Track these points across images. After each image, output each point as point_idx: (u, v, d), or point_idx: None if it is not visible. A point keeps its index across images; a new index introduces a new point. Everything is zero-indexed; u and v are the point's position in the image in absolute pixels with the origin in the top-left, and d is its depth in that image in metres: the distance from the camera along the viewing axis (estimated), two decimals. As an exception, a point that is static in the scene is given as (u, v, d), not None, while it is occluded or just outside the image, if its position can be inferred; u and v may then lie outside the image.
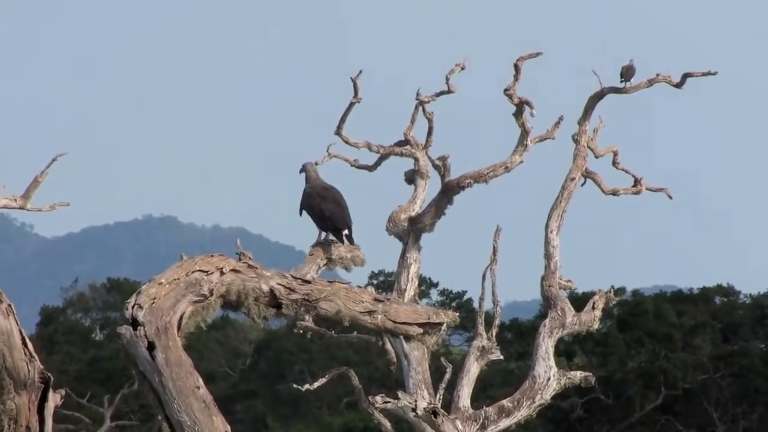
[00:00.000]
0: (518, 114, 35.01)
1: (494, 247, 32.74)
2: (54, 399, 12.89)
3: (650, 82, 35.47)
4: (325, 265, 20.41)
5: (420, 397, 34.33)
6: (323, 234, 21.01)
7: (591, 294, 33.59)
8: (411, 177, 32.75)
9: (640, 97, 33.75)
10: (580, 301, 36.18)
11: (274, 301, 15.48)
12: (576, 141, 33.28)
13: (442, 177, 32.59)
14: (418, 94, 32.43)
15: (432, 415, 34.74)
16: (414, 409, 31.66)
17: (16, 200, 39.82)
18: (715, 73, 34.76)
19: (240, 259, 15.69)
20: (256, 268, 15.72)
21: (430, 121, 32.31)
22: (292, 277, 16.50)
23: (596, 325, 37.67)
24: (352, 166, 32.04)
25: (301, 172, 23.14)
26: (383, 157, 32.91)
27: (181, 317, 13.27)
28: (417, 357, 32.32)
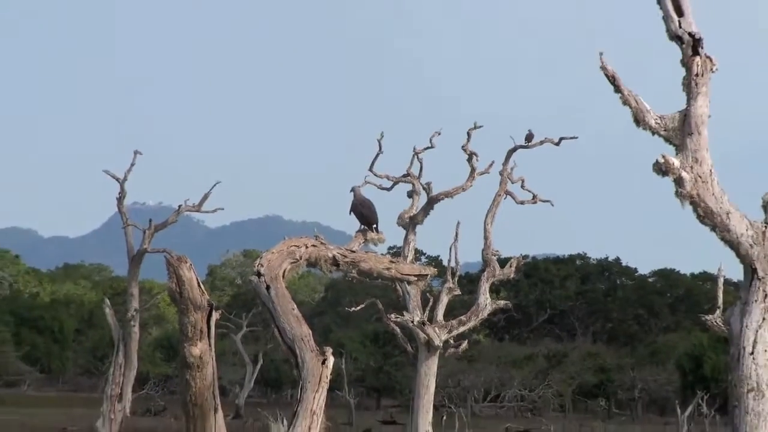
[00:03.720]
0: (470, 159, 46.28)
1: (456, 232, 46.85)
2: (215, 316, 15.38)
3: (541, 143, 46.55)
4: (363, 242, 23.23)
5: (415, 315, 45.99)
6: (362, 226, 24.30)
7: (509, 258, 48.06)
8: (410, 194, 47.52)
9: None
10: (503, 262, 47.73)
11: (335, 262, 17.90)
12: (501, 174, 46.66)
13: (428, 194, 47.13)
14: (414, 149, 47.32)
15: (422, 324, 45.71)
16: (412, 321, 45.67)
17: (194, 206, 58.41)
18: (576, 137, 45.92)
19: (316, 238, 18.22)
20: (324, 244, 18.05)
21: (420, 162, 46.85)
22: (345, 249, 18.96)
23: (512, 275, 47.39)
24: (379, 188, 46.89)
25: (351, 191, 26.93)
26: (395, 183, 47.23)
27: (285, 271, 16.20)
28: (413, 293, 45.89)
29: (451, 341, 47.78)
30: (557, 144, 47.47)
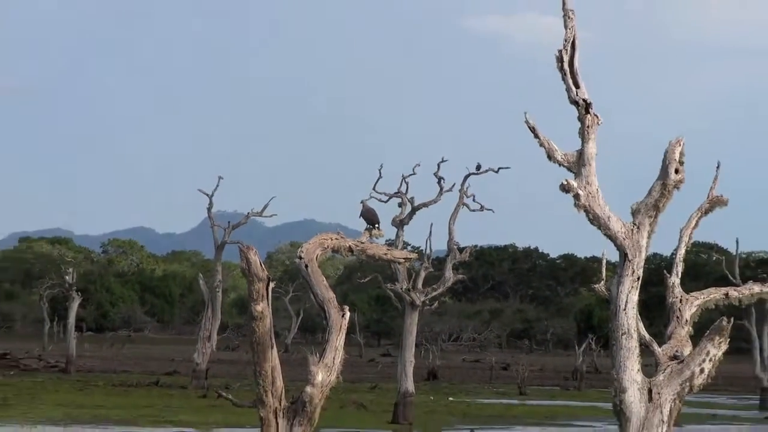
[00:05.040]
0: (439, 181, 46.19)
1: (430, 230, 46.02)
2: (271, 285, 14.05)
3: (486, 171, 45.73)
4: (369, 237, 20.96)
5: (403, 284, 45.40)
6: (368, 226, 22.24)
7: (465, 247, 47.48)
8: (400, 204, 47.16)
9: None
10: (461, 250, 47.84)
11: (350, 250, 16.14)
12: (459, 191, 45.78)
13: (411, 205, 46.77)
14: (402, 175, 46.92)
15: (407, 290, 44.71)
16: (401, 288, 45.04)
17: (257, 212, 58.55)
18: (509, 167, 48.69)
19: (338, 234, 16.55)
20: (343, 237, 16.41)
21: (407, 184, 46.32)
22: (357, 241, 17.07)
23: (467, 258, 51.40)
24: (378, 200, 46.68)
25: (360, 203, 25.05)
26: (390, 198, 46.94)
27: (317, 255, 14.81)
28: (402, 270, 44.98)
29: (427, 302, 47.87)
30: (497, 172, 47.80)
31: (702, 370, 12.64)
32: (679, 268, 13.32)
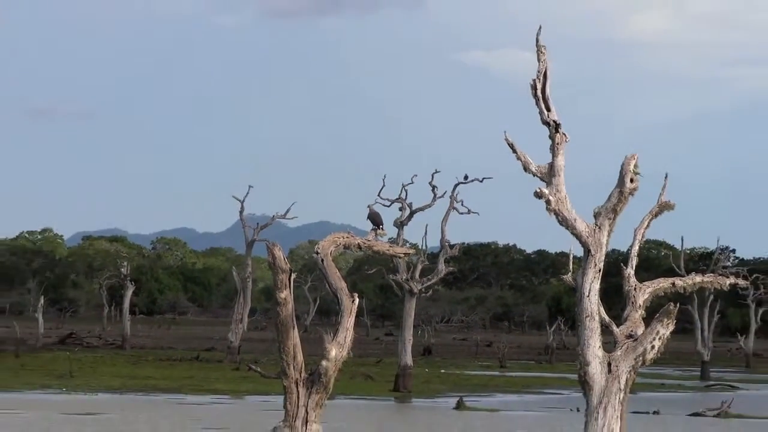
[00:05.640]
0: (433, 189, 46.39)
1: (425, 230, 45.35)
2: (293, 276, 13.48)
3: (472, 180, 45.59)
4: (375, 235, 19.95)
5: (403, 275, 45.38)
6: (374, 226, 22.83)
7: (455, 244, 47.42)
8: (400, 209, 46.95)
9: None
10: (452, 246, 48.18)
11: (359, 246, 15.17)
12: (450, 198, 45.45)
13: (410, 209, 46.67)
14: (402, 184, 46.64)
15: (407, 280, 44.41)
16: (401, 278, 44.99)
17: (281, 215, 58.07)
18: (491, 177, 48.61)
19: (348, 233, 15.61)
20: (353, 236, 15.45)
21: (406, 192, 46.20)
22: (365, 239, 16.25)
23: (456, 254, 50.04)
24: (385, 205, 46.18)
25: (367, 207, 29.23)
26: (392, 203, 46.48)
27: (331, 251, 14.12)
28: (402, 263, 44.80)
29: (423, 290, 48.03)
30: (481, 181, 47.63)
31: (653, 347, 12.60)
32: (634, 261, 13.32)
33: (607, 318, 12.89)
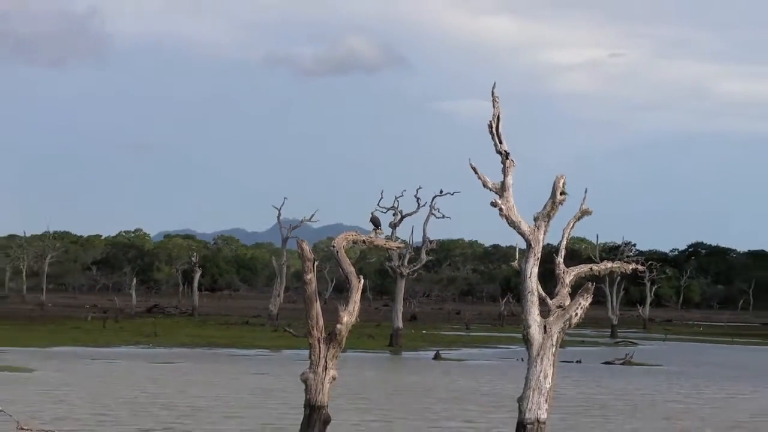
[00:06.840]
0: (417, 200, 49.95)
1: (412, 230, 44.98)
2: (316, 263, 12.79)
3: (447, 194, 46.30)
4: (375, 234, 19.04)
5: (396, 261, 44.91)
6: (374, 227, 22.57)
7: (433, 240, 46.42)
8: (393, 214, 46.29)
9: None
10: (432, 242, 48.46)
11: (364, 242, 14.36)
12: (430, 206, 45.22)
13: (401, 214, 46.01)
14: (395, 196, 45.90)
15: (398, 266, 45.88)
16: (395, 264, 44.80)
17: (308, 219, 57.30)
18: (459, 192, 52.60)
19: (356, 232, 14.78)
20: (360, 234, 14.51)
21: (398, 202, 45.77)
22: (368, 236, 15.12)
23: (434, 246, 49.38)
24: (382, 212, 45.93)
25: (370, 213, 30.58)
26: (388, 210, 45.83)
27: (343, 246, 13.32)
28: (395, 254, 44.07)
29: (410, 273, 47.86)
30: (452, 194, 47.23)
31: (576, 314, 12.54)
32: (562, 252, 13.30)
33: (543, 293, 12.88)
